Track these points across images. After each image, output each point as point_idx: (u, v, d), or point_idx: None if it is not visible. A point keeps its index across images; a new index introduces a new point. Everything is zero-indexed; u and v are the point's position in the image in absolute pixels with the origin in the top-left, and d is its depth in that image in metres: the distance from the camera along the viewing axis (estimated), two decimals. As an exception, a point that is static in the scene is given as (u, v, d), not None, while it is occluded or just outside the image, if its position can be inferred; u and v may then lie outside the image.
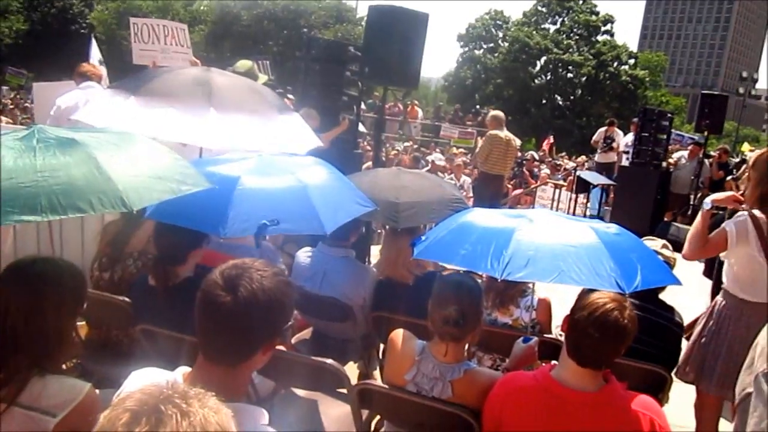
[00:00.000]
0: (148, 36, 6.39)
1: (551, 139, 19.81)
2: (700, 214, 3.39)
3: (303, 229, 2.97)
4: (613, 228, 2.56)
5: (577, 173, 11.73)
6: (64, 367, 2.09)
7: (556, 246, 2.38)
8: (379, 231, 8.67)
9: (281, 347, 2.62)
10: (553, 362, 2.93)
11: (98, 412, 1.83)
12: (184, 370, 1.65)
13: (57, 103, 5.32)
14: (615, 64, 49.32)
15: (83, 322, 3.30)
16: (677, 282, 2.48)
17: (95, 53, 7.90)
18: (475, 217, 2.70)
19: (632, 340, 2.06)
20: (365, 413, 2.79)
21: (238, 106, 3.62)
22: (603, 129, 13.49)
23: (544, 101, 51.09)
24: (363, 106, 9.23)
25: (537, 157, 16.92)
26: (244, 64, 5.43)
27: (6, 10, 41.96)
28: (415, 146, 18.00)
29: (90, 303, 2.09)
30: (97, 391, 1.93)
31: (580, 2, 52.55)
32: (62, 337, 1.94)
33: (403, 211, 3.73)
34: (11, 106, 19.11)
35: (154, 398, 1.03)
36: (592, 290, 2.17)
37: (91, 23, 43.87)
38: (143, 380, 1.66)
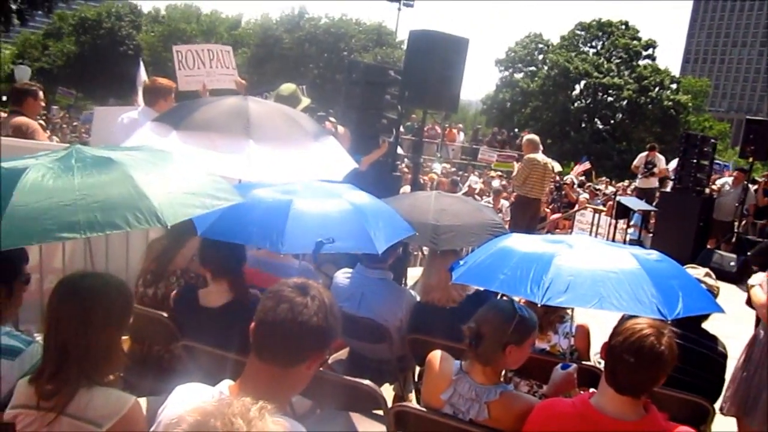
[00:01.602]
0: (193, 62, 6.52)
1: (587, 164, 19.43)
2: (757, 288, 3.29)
3: (356, 247, 3.05)
4: (654, 255, 2.54)
5: (617, 198, 11.56)
6: (109, 378, 2.13)
7: (597, 271, 2.37)
8: (415, 253, 8.68)
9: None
10: (592, 390, 2.90)
11: (142, 425, 1.90)
12: (229, 382, 1.70)
13: (118, 122, 5.46)
14: (657, 88, 48.64)
15: (126, 337, 3.38)
16: (720, 310, 2.44)
17: (143, 75, 8.11)
18: (514, 242, 2.70)
19: (673, 370, 2.03)
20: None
21: (276, 135, 3.70)
22: (644, 154, 13.31)
23: (583, 125, 50.60)
24: (401, 128, 9.30)
25: (576, 182, 16.73)
26: (288, 87, 5.53)
27: (58, 32, 43.54)
28: (453, 169, 18.00)
29: (134, 318, 2.15)
30: (143, 402, 1.99)
31: (622, 27, 52.11)
32: (109, 350, 2.00)
33: (443, 233, 3.74)
34: (62, 125, 19.75)
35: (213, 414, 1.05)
36: (632, 317, 2.15)
37: (138, 44, 45.14)
38: (188, 394, 1.71)
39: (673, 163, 12.33)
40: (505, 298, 2.69)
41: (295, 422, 1.58)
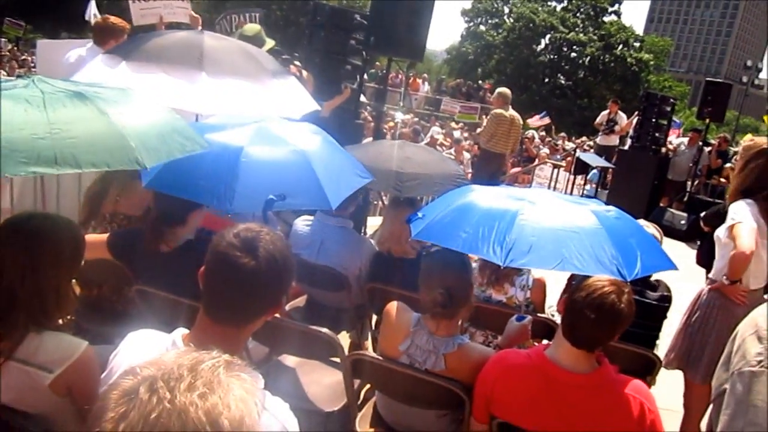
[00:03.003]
0: None
1: (547, 119, 19.44)
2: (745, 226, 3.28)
3: (308, 204, 2.97)
4: (612, 211, 2.55)
5: (577, 154, 11.70)
6: (59, 323, 2.07)
7: (558, 231, 2.36)
8: (375, 202, 8.67)
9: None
10: (545, 342, 2.96)
11: (95, 371, 1.86)
12: (183, 331, 1.66)
13: (64, 60, 5.21)
14: (621, 46, 48.91)
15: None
16: (674, 267, 2.49)
17: (93, 9, 7.73)
18: (477, 198, 2.66)
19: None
20: (357, 382, 2.82)
21: (231, 70, 3.57)
22: (606, 111, 13.43)
23: (546, 79, 50.77)
24: (365, 76, 9.16)
25: (536, 136, 16.83)
26: (252, 27, 5.35)
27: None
28: (415, 119, 17.90)
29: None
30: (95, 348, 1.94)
31: (589, -19, 51.91)
32: (58, 293, 1.94)
33: (407, 181, 3.74)
34: (10, 59, 18.82)
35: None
36: (581, 281, 2.17)
37: (91, -23, 43.02)
38: (140, 341, 1.67)
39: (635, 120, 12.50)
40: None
41: (255, 373, 1.56)
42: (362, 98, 8.65)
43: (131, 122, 2.23)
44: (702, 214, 4.40)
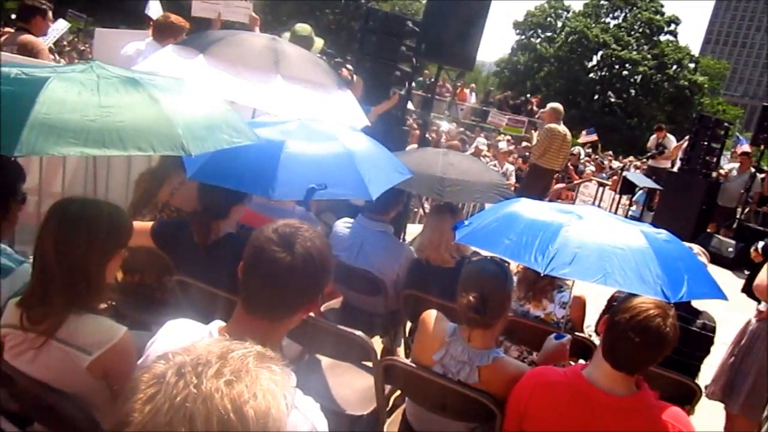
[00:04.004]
0: None
1: (594, 136, 19.05)
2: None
3: (349, 194, 2.99)
4: (663, 234, 2.49)
5: (623, 174, 11.47)
6: (100, 308, 2.10)
7: (604, 246, 2.32)
8: (415, 210, 8.64)
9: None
10: (581, 362, 2.90)
11: (132, 356, 1.88)
12: (220, 323, 1.66)
13: (123, 52, 5.34)
14: (675, 66, 47.93)
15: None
16: (723, 297, 2.40)
17: (155, 6, 7.87)
18: (523, 208, 2.64)
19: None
20: (387, 388, 2.80)
21: (303, 76, 3.67)
22: (654, 136, 13.20)
23: (595, 96, 50.06)
24: (413, 83, 9.15)
25: (582, 153, 16.56)
26: (304, 28, 5.41)
27: (71, -47, 42.41)
28: (461, 129, 17.82)
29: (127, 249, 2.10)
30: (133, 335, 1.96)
31: (646, 0, 51.03)
32: (94, 277, 1.94)
33: (448, 186, 3.72)
34: (68, 49, 19.41)
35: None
36: (633, 295, 2.12)
37: (153, -28, 44.06)
38: (178, 330, 1.68)
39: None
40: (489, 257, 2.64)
41: (287, 369, 1.56)
42: (409, 105, 8.66)
43: (181, 110, 2.27)
44: (761, 244, 4.27)
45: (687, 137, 11.47)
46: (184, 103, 2.34)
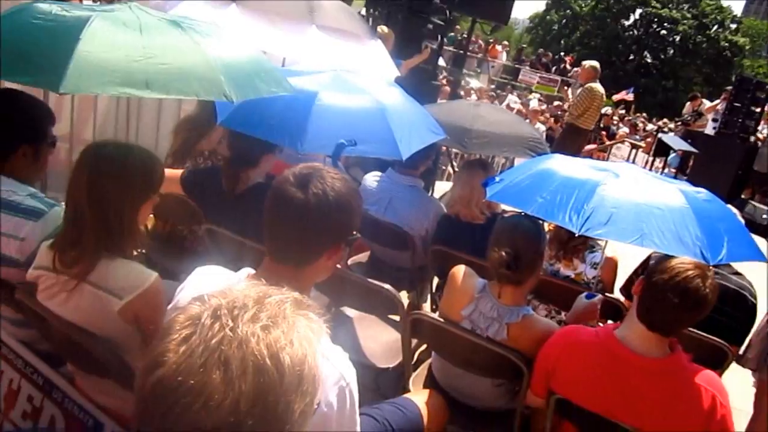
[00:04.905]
0: None
1: (632, 96, 18.61)
2: None
3: (379, 152, 2.92)
4: (703, 193, 2.41)
5: (659, 135, 11.20)
6: (131, 253, 2.10)
7: (641, 205, 2.24)
8: (443, 167, 8.55)
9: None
10: (609, 322, 2.86)
11: (162, 302, 1.89)
12: (249, 271, 1.65)
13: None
14: (715, 27, 46.22)
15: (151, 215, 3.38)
16: (764, 259, 2.33)
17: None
18: (557, 165, 2.56)
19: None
20: (413, 342, 2.79)
21: (338, 26, 3.65)
22: (689, 103, 12.88)
23: (631, 56, 48.68)
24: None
25: (614, 113, 16.19)
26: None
27: None
28: (492, 86, 17.52)
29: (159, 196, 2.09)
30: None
31: (689, -45, 49.03)
32: (126, 221, 1.92)
33: (475, 138, 3.64)
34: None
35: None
36: (669, 256, 2.06)
37: None
38: (207, 276, 1.67)
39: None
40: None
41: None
42: (440, 61, 8.49)
43: (222, 56, 2.23)
44: None
45: (722, 96, 11.11)
46: (224, 49, 2.30)
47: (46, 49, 1.92)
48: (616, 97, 17.21)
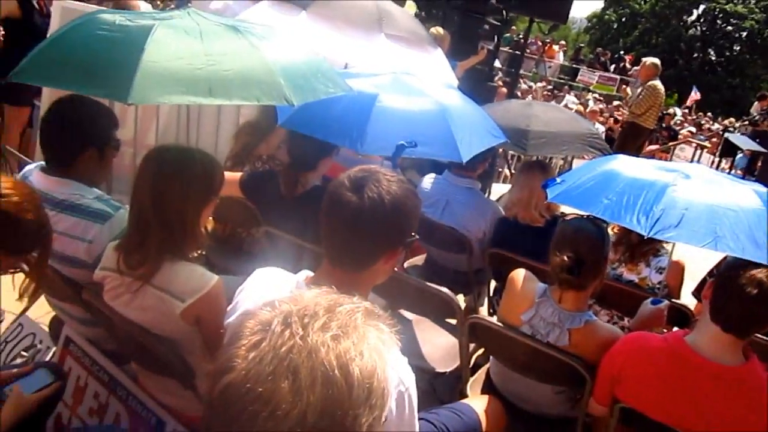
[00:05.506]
0: None
1: (697, 95, 18.08)
2: None
3: (439, 154, 2.90)
4: (777, 195, 2.28)
5: (725, 135, 10.76)
6: (192, 256, 2.13)
7: (714, 207, 2.13)
8: (500, 170, 8.43)
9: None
10: (676, 329, 2.74)
11: (223, 304, 1.91)
12: (307, 273, 1.65)
13: (211, 6, 5.40)
14: (785, 20, 44.20)
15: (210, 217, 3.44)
16: None
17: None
18: (622, 166, 2.47)
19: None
20: (471, 347, 2.75)
21: (405, 35, 3.70)
22: (757, 103, 12.38)
23: (694, 54, 47.05)
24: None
25: (679, 114, 15.70)
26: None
27: None
28: (549, 87, 17.23)
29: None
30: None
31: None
32: (188, 225, 1.95)
33: (532, 139, 3.57)
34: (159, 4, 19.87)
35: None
36: (738, 260, 1.95)
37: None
38: (267, 278, 1.68)
39: None
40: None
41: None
42: (496, 63, 8.39)
43: (280, 59, 2.24)
44: None
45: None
46: (281, 52, 2.32)
47: (113, 61, 1.96)
48: (688, 102, 16.77)
